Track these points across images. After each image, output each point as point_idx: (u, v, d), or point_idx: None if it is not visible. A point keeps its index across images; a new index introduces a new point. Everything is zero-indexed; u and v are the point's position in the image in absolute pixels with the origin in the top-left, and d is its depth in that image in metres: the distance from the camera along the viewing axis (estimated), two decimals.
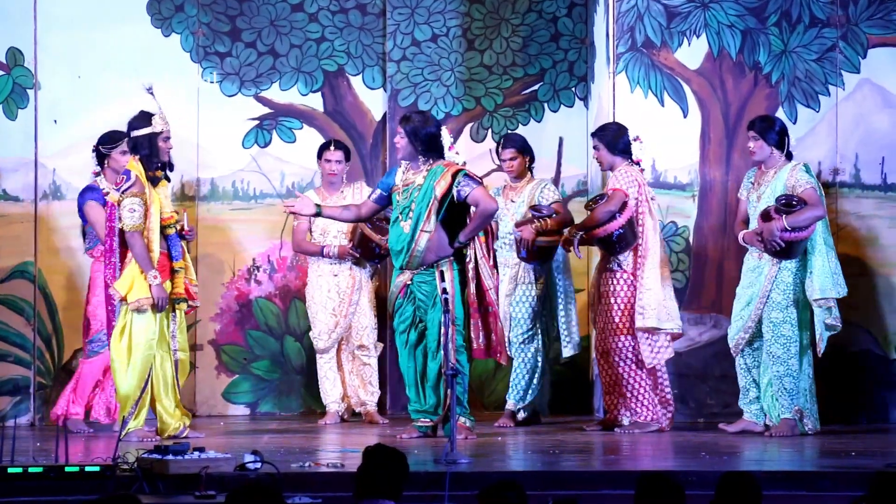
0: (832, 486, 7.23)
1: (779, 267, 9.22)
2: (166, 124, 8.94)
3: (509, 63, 10.95)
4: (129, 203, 8.76)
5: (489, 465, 7.85)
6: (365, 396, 10.12)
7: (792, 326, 9.25)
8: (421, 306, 8.97)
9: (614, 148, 9.50)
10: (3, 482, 6.98)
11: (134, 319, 8.78)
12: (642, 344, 9.40)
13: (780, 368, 9.22)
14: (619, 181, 9.39)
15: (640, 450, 8.63)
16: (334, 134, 10.76)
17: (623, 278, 9.45)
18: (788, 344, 9.23)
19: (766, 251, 9.17)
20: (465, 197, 8.87)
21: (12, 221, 10.24)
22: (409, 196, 8.94)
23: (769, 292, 9.23)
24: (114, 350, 8.80)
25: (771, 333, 9.24)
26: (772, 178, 9.29)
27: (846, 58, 10.21)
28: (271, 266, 10.80)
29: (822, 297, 9.19)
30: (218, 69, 10.72)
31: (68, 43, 10.37)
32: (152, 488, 6.97)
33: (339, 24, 10.88)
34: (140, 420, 8.84)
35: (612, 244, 9.38)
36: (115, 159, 9.45)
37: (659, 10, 10.16)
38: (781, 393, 9.25)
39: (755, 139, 9.32)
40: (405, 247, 8.91)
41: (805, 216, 9.07)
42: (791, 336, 9.24)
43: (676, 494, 5.16)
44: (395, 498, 5.30)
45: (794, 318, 9.25)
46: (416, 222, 8.88)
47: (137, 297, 8.74)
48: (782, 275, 9.23)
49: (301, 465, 7.50)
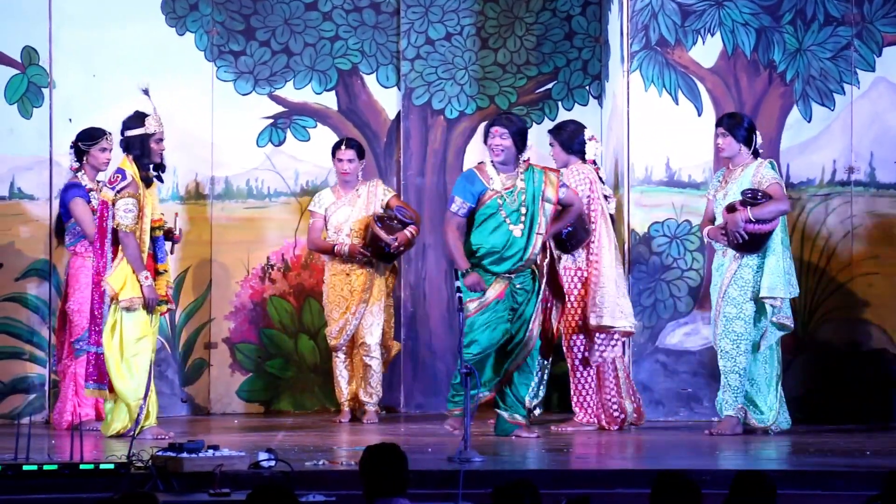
0: (846, 485, 7.22)
1: (739, 263, 9.20)
2: (160, 126, 8.96)
3: (523, 61, 10.94)
4: (125, 203, 8.78)
5: (503, 463, 7.86)
6: (363, 397, 10.10)
7: (745, 323, 9.20)
8: (519, 305, 8.92)
9: (569, 147, 9.60)
10: (19, 480, 7.00)
11: (124, 317, 8.80)
12: (591, 342, 9.47)
13: (727, 364, 9.20)
14: (571, 180, 9.45)
15: (654, 448, 8.62)
16: (348, 132, 10.76)
17: (576, 276, 9.50)
18: (738, 340, 9.20)
19: (730, 245, 9.15)
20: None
21: (27, 220, 10.26)
22: (515, 199, 8.88)
23: (727, 287, 9.21)
24: (106, 349, 8.83)
25: (722, 328, 9.21)
26: (738, 175, 9.29)
27: (861, 56, 10.19)
28: (285, 264, 10.80)
29: (768, 294, 9.16)
30: (232, 68, 10.74)
31: (83, 42, 10.38)
32: (167, 486, 6.98)
33: (353, 23, 10.88)
34: (152, 418, 8.86)
35: (563, 242, 9.44)
36: (94, 156, 9.52)
37: (673, 9, 10.15)
38: (726, 389, 9.21)
39: (723, 136, 9.32)
40: (520, 251, 8.85)
41: (769, 209, 9.06)
42: (742, 333, 9.20)
43: (692, 493, 5.15)
44: (403, 493, 5.30)
45: (748, 314, 9.21)
46: (531, 226, 8.84)
47: (130, 295, 8.76)
48: (742, 271, 9.21)
49: (315, 463, 7.51)
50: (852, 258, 10.17)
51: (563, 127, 9.71)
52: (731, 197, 9.21)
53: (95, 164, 9.59)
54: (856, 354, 10.02)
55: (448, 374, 10.15)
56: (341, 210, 10.11)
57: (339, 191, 10.19)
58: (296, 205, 10.70)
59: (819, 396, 10.06)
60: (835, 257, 10.21)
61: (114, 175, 8.92)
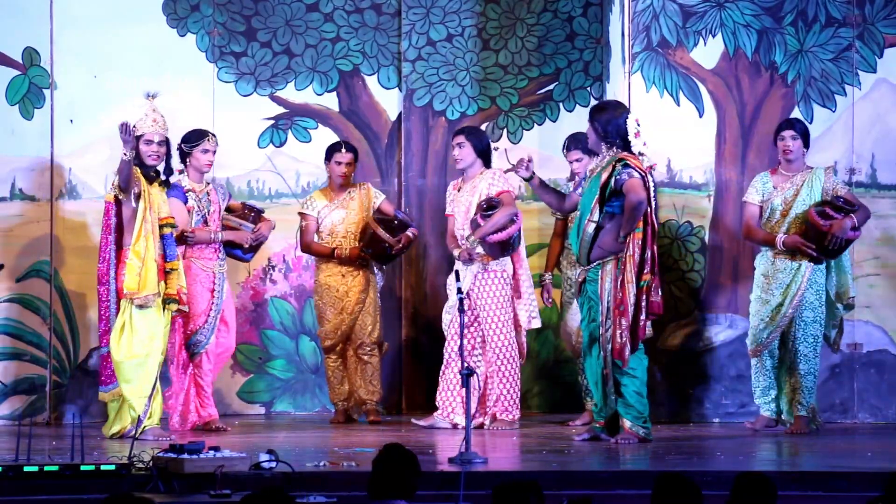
0: (848, 486, 7.22)
1: (813, 268, 9.30)
2: (151, 128, 9.02)
3: (524, 63, 10.94)
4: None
5: (504, 464, 7.85)
6: (365, 395, 10.10)
7: (820, 326, 9.44)
8: (592, 305, 8.79)
9: (479, 150, 9.73)
10: (20, 480, 7.00)
11: (134, 315, 8.82)
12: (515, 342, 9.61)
13: (805, 367, 9.37)
14: (501, 182, 9.59)
15: (655, 450, 8.62)
16: (349, 134, 10.76)
17: (502, 278, 9.61)
18: (816, 343, 9.43)
19: (821, 251, 9.27)
20: (620, 186, 8.66)
21: (28, 221, 10.25)
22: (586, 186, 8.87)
23: (804, 292, 9.32)
24: (114, 347, 8.83)
25: (802, 332, 9.39)
26: (801, 180, 9.41)
27: (862, 57, 10.19)
28: (286, 265, 10.80)
29: (853, 294, 9.53)
30: (233, 69, 10.74)
31: (84, 43, 10.38)
32: (167, 487, 6.98)
33: (355, 24, 10.88)
34: (155, 418, 8.86)
35: (509, 246, 9.54)
36: (196, 157, 9.59)
37: (674, 10, 10.15)
38: (803, 391, 9.33)
39: (794, 139, 9.46)
40: (576, 239, 8.82)
41: (863, 215, 9.36)
42: (817, 336, 9.44)
43: (693, 494, 5.15)
44: (409, 497, 5.30)
45: (822, 317, 9.44)
46: (583, 213, 8.77)
47: (145, 293, 8.77)
48: (816, 275, 9.40)
49: (316, 464, 7.51)
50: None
51: (478, 132, 9.91)
52: (799, 203, 9.33)
53: (198, 166, 9.61)
54: (857, 355, 10.02)
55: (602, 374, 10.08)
56: (335, 212, 10.10)
57: (330, 193, 10.16)
58: (297, 206, 10.70)
59: (821, 396, 10.05)
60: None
61: None
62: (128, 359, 8.80)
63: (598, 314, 8.70)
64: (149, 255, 8.86)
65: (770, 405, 9.46)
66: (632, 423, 8.72)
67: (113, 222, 8.96)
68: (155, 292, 8.79)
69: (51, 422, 10.09)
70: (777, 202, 9.40)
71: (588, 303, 8.79)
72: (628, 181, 8.59)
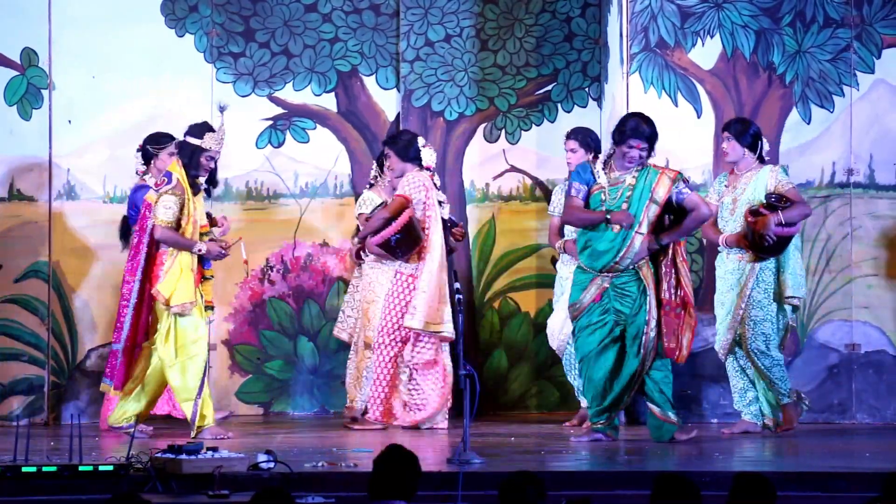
0: (846, 486, 7.23)
1: (760, 266, 9.27)
2: (217, 144, 9.04)
3: (523, 63, 10.94)
4: (166, 200, 8.89)
5: (502, 465, 7.85)
6: None
7: (771, 323, 9.32)
8: (623, 308, 8.80)
9: (405, 155, 9.78)
10: (18, 481, 7.00)
11: (178, 321, 8.87)
12: (405, 344, 9.64)
13: (765, 361, 9.29)
14: (405, 187, 9.67)
15: (654, 451, 8.62)
16: (348, 134, 10.77)
17: (407, 280, 9.65)
18: (769, 340, 9.31)
19: (755, 249, 9.21)
20: (682, 201, 8.83)
21: (27, 221, 10.25)
22: (618, 196, 8.83)
23: (751, 291, 9.27)
24: (161, 354, 8.90)
25: (752, 331, 9.32)
26: (749, 179, 9.37)
27: (860, 58, 10.19)
28: (285, 266, 10.80)
29: (793, 294, 9.34)
30: (232, 69, 10.73)
31: (83, 43, 10.38)
32: (165, 488, 6.98)
33: (353, 25, 10.88)
34: (209, 419, 8.91)
35: (392, 249, 9.61)
36: (163, 160, 9.57)
37: (673, 11, 10.15)
38: (775, 383, 9.30)
39: (728, 140, 9.42)
40: (615, 248, 8.78)
41: (797, 212, 9.21)
42: (770, 333, 9.32)
43: (692, 495, 5.15)
44: (409, 498, 5.31)
45: (773, 314, 9.34)
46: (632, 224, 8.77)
47: (182, 301, 8.84)
48: (763, 274, 9.33)
49: (314, 464, 7.51)
50: (852, 260, 10.17)
51: (397, 138, 9.92)
52: (743, 202, 9.27)
53: (163, 168, 9.63)
54: (855, 356, 10.02)
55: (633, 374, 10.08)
56: None
57: (380, 193, 10.11)
58: (295, 206, 10.70)
59: (819, 397, 10.06)
60: (834, 259, 10.21)
61: (160, 178, 9.06)
62: (171, 363, 8.86)
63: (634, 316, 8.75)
64: (183, 264, 8.90)
65: (750, 408, 9.42)
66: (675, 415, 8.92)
67: (149, 226, 8.95)
68: (192, 300, 8.85)
69: (49, 422, 10.09)
70: (727, 201, 9.43)
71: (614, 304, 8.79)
72: (693, 195, 8.94)
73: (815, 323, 10.19)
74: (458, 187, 10.87)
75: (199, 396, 8.85)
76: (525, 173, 10.94)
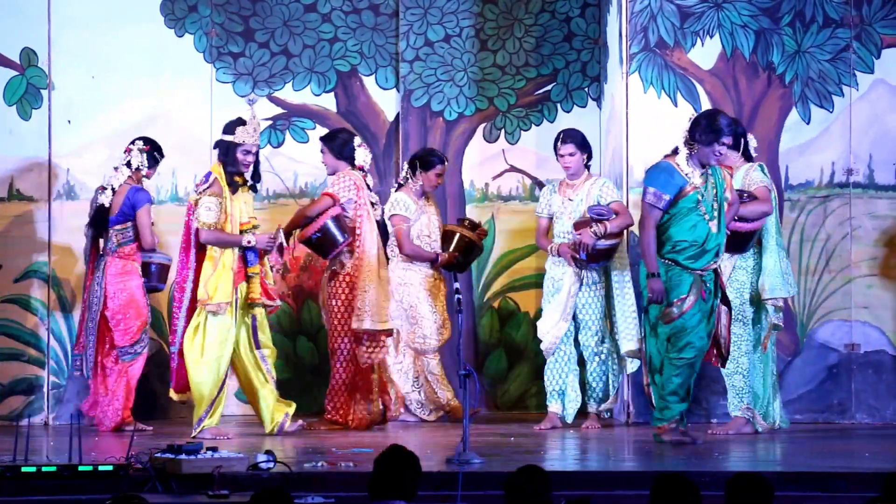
0: (845, 486, 7.23)
1: (733, 265, 9.26)
2: (250, 137, 9.08)
3: (522, 63, 10.95)
4: (206, 202, 8.97)
5: (502, 465, 7.85)
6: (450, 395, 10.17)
7: (744, 325, 9.28)
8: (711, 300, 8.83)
9: (340, 154, 9.79)
10: (18, 481, 7.00)
11: (208, 319, 8.94)
12: (359, 345, 9.64)
13: (729, 367, 9.22)
14: (334, 186, 9.68)
15: (653, 451, 8.62)
16: None
17: (344, 280, 9.66)
18: (739, 342, 9.24)
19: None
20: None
21: (26, 221, 10.26)
22: (713, 196, 8.82)
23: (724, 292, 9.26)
24: (187, 347, 8.95)
25: None
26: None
27: (860, 58, 10.20)
28: (284, 266, 10.78)
29: (770, 296, 9.27)
30: (231, 69, 10.74)
31: (82, 43, 10.39)
32: (165, 488, 6.99)
33: (352, 25, 10.88)
34: (215, 418, 8.94)
35: (314, 246, 9.66)
36: None
37: (672, 11, 10.15)
38: (731, 390, 9.27)
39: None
40: (718, 246, 8.81)
41: (751, 209, 9.19)
42: (741, 334, 9.26)
43: (692, 495, 5.15)
44: (409, 498, 5.31)
45: (747, 316, 9.29)
46: (720, 221, 8.81)
47: (218, 301, 8.92)
48: (737, 273, 9.31)
49: (314, 464, 7.51)
50: (851, 260, 10.18)
51: (334, 137, 9.91)
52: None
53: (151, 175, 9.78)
54: (854, 356, 10.02)
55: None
56: (423, 217, 10.09)
57: (410, 194, 10.10)
58: (294, 206, 10.70)
59: (818, 397, 10.07)
60: (833, 259, 10.21)
61: (202, 178, 9.09)
62: (196, 359, 8.91)
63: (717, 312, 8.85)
64: (224, 263, 8.92)
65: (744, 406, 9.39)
66: None
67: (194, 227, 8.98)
68: (227, 301, 8.89)
69: (49, 422, 10.09)
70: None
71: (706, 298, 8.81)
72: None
73: (815, 323, 10.19)
74: (457, 187, 10.88)
75: (216, 397, 8.95)
76: (524, 173, 10.95)
